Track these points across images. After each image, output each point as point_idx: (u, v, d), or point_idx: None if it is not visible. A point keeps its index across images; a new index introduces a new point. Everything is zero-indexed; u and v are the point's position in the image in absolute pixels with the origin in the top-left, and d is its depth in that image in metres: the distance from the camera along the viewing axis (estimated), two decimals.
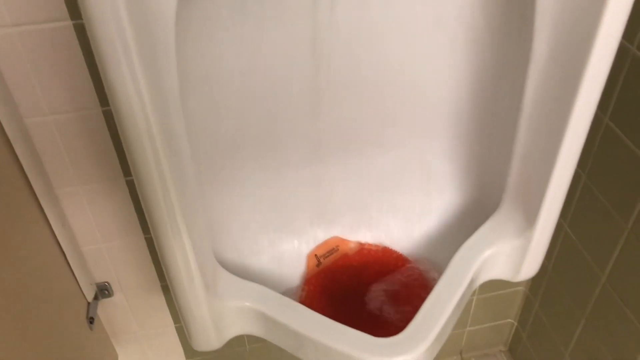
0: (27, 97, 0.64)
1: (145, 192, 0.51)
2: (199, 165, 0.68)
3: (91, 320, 0.82)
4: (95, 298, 0.86)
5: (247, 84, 0.64)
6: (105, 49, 0.43)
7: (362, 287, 0.76)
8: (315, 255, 0.80)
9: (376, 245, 0.80)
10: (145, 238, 0.82)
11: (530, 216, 0.67)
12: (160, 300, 0.92)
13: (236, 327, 0.66)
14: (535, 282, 1.11)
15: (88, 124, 0.68)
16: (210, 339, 0.65)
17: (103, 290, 0.87)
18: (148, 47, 0.44)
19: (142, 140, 0.48)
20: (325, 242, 0.81)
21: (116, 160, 0.72)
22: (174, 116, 0.50)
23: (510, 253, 0.69)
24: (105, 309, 0.90)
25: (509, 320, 1.25)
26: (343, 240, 0.81)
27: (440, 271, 0.67)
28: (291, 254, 0.80)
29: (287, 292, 0.77)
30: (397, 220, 0.80)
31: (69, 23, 0.59)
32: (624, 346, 0.86)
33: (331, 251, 0.81)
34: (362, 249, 0.80)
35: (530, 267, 0.70)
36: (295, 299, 0.76)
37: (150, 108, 0.46)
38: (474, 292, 1.15)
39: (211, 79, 0.62)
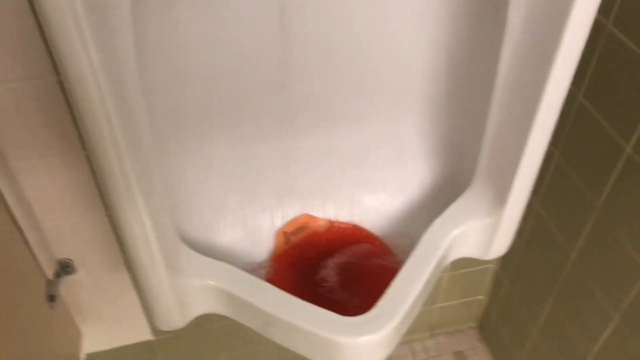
0: None
1: (101, 167, 0.49)
2: (164, 141, 0.66)
3: (52, 299, 0.79)
4: (57, 276, 0.83)
5: (213, 56, 0.62)
6: (53, 18, 0.40)
7: (330, 265, 0.75)
8: (284, 232, 0.79)
9: (346, 223, 0.79)
10: (108, 214, 0.79)
11: (501, 194, 0.66)
12: (125, 277, 0.90)
13: (201, 306, 0.65)
14: (505, 259, 1.12)
15: (44, 93, 0.64)
16: (173, 318, 0.64)
17: (65, 268, 0.84)
18: (100, 16, 0.42)
19: (96, 111, 0.46)
20: (295, 219, 0.79)
21: (75, 132, 0.69)
22: (130, 88, 0.48)
23: (480, 231, 0.68)
24: (68, 287, 0.88)
25: (480, 297, 1.26)
26: (312, 218, 0.79)
27: (410, 249, 0.66)
28: (259, 230, 0.78)
29: (254, 270, 0.75)
30: (368, 197, 0.79)
31: None
32: (591, 324, 0.87)
33: (300, 228, 0.79)
34: (332, 226, 0.79)
35: (500, 245, 0.70)
36: (262, 277, 0.74)
37: (103, 81, 0.44)
38: (445, 268, 1.15)
39: (174, 50, 0.60)
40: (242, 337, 1.12)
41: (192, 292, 0.62)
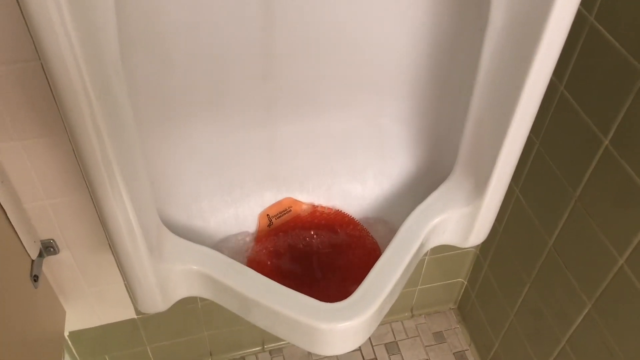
0: None
1: (83, 153, 0.49)
2: (147, 127, 0.66)
3: (35, 279, 0.80)
4: (40, 255, 0.83)
5: (196, 42, 0.61)
6: (35, 5, 0.39)
7: (312, 249, 0.76)
8: (267, 215, 0.79)
9: (329, 208, 0.80)
10: (91, 194, 0.79)
11: (481, 184, 0.67)
12: (109, 256, 0.90)
13: (183, 289, 0.65)
14: (485, 244, 1.14)
15: (27, 76, 0.64)
16: (156, 301, 0.64)
17: (48, 248, 0.84)
18: (83, 3, 0.41)
19: (77, 96, 0.45)
20: (278, 203, 0.80)
21: (58, 114, 0.69)
22: (112, 74, 0.48)
23: (459, 220, 0.69)
24: (51, 266, 0.88)
25: (459, 279, 1.28)
26: (296, 202, 0.80)
27: (390, 235, 0.67)
28: (243, 213, 0.79)
29: (236, 252, 0.76)
30: (350, 183, 0.79)
31: None
32: (565, 309, 0.89)
33: (283, 212, 0.80)
34: (315, 210, 0.80)
35: (479, 234, 0.71)
36: (244, 258, 0.75)
37: (85, 67, 0.43)
38: (427, 252, 1.17)
39: (157, 36, 0.59)
40: (226, 315, 1.13)
41: (175, 277, 0.63)
